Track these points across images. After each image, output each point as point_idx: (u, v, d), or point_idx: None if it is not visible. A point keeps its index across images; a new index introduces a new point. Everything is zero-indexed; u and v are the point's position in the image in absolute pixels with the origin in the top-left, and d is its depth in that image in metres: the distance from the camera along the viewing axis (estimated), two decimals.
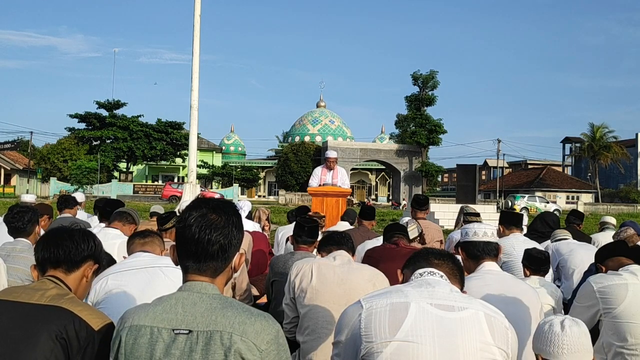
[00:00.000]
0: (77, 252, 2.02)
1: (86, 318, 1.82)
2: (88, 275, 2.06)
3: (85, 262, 2.05)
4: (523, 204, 37.65)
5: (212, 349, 1.44)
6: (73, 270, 2.01)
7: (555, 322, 2.02)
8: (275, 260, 3.81)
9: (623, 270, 3.01)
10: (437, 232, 5.51)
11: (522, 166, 70.68)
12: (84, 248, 2.04)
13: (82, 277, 2.03)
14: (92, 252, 2.07)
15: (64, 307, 1.83)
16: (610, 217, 7.29)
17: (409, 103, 47.89)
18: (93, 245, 2.08)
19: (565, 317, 2.04)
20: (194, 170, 14.91)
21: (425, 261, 1.95)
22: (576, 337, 1.96)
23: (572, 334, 1.96)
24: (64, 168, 43.35)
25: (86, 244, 2.05)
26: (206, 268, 1.55)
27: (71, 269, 2.01)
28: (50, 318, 1.79)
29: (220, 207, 1.58)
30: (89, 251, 2.06)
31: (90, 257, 2.06)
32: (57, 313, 1.81)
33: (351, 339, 1.76)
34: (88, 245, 2.06)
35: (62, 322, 1.79)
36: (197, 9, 14.48)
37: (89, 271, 2.06)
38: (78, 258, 2.02)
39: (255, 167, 54.97)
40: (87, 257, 2.05)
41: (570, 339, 1.95)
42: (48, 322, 1.78)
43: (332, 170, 8.20)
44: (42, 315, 1.80)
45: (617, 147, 52.11)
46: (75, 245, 2.02)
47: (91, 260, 2.07)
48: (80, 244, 2.03)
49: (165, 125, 47.90)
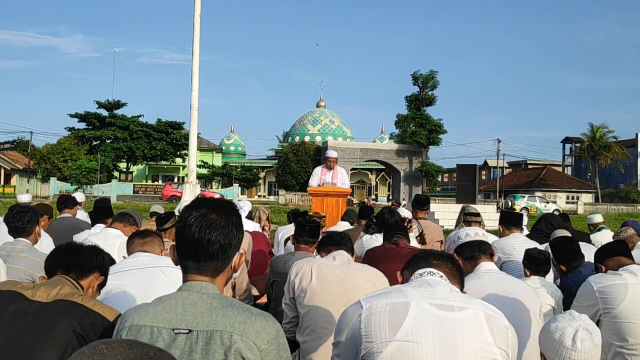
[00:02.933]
0: (87, 261, 2.15)
1: (100, 311, 1.93)
2: (94, 285, 2.18)
3: (93, 273, 2.17)
4: (523, 204, 37.65)
5: (212, 348, 1.44)
6: (82, 278, 2.13)
7: (568, 332, 1.87)
8: (275, 260, 3.81)
9: (623, 270, 3.01)
10: (437, 232, 5.51)
11: (522, 166, 70.63)
12: (93, 259, 2.18)
13: (88, 287, 2.15)
14: (100, 265, 2.21)
15: (78, 302, 1.93)
16: (597, 215, 7.27)
17: (409, 103, 47.85)
18: (102, 259, 2.23)
19: (579, 326, 1.88)
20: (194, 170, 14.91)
21: (425, 262, 1.95)
22: (587, 352, 1.84)
23: (582, 350, 1.84)
24: (64, 168, 43.33)
25: (96, 256, 2.20)
26: (206, 268, 1.55)
27: (80, 276, 2.13)
28: (65, 312, 1.88)
29: (220, 207, 1.58)
30: (98, 263, 2.19)
31: (97, 269, 2.20)
32: (71, 307, 1.90)
33: (351, 339, 1.76)
34: (97, 257, 2.20)
35: (77, 316, 1.88)
36: (197, 9, 14.49)
37: (95, 282, 2.18)
38: (87, 267, 2.15)
39: (255, 167, 54.95)
40: (96, 268, 2.18)
41: (580, 356, 1.84)
42: (63, 316, 1.87)
43: (332, 170, 8.20)
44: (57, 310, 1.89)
45: (617, 147, 52.06)
46: (86, 256, 2.17)
47: (98, 272, 2.20)
48: (90, 255, 2.18)
49: (165, 125, 47.86)
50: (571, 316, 1.93)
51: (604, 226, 6.71)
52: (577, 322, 1.90)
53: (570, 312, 1.96)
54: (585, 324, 1.90)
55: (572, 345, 1.84)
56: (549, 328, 1.94)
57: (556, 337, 1.89)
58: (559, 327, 1.90)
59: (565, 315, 1.95)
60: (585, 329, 1.87)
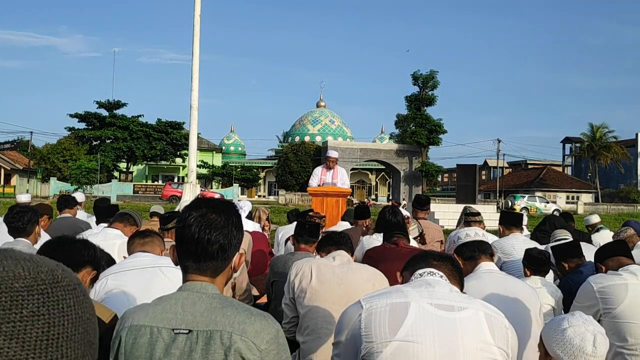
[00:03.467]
0: (77, 255, 2.10)
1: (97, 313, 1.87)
2: (86, 280, 2.13)
3: (85, 267, 2.13)
4: (523, 204, 37.65)
5: (212, 348, 1.44)
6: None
7: (588, 338, 1.89)
8: (275, 260, 3.81)
9: (623, 270, 3.01)
10: (437, 232, 5.51)
11: (522, 166, 70.64)
12: (84, 253, 2.13)
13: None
14: (92, 259, 2.17)
15: None
16: (594, 216, 7.26)
17: (409, 103, 47.81)
18: (93, 253, 2.18)
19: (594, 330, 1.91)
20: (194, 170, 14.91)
21: (425, 262, 1.95)
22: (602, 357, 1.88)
23: (600, 355, 1.88)
24: (64, 168, 43.31)
25: (87, 250, 2.15)
26: (206, 268, 1.55)
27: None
28: None
29: (220, 206, 1.58)
30: (89, 257, 2.15)
31: (89, 263, 2.15)
32: None
33: (351, 339, 1.76)
34: (88, 251, 2.16)
35: None
36: (197, 8, 14.49)
37: (87, 277, 2.13)
38: (78, 261, 2.09)
39: (255, 167, 54.93)
40: (87, 262, 2.14)
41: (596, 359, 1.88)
42: None
43: (332, 170, 8.20)
44: None
45: (617, 147, 52.05)
46: (77, 250, 2.12)
47: (90, 266, 2.15)
48: (81, 249, 2.13)
49: (165, 125, 47.85)
50: (582, 318, 1.95)
51: (602, 226, 6.70)
52: (591, 325, 1.93)
53: (581, 315, 1.98)
54: (599, 327, 1.94)
55: (593, 350, 1.87)
56: (566, 332, 1.93)
57: (574, 342, 1.89)
58: (577, 332, 1.91)
59: (578, 318, 1.96)
60: (600, 333, 1.91)
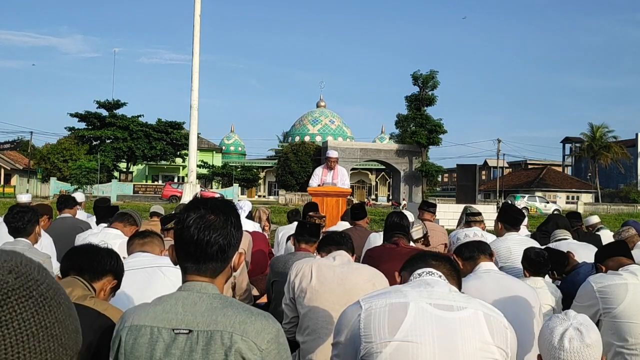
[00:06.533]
0: (100, 263, 2.14)
1: (111, 315, 1.92)
2: (106, 289, 2.16)
3: (106, 276, 2.16)
4: (523, 204, 37.60)
5: (212, 348, 1.44)
6: (94, 281, 2.11)
7: (557, 332, 1.83)
8: (275, 260, 3.81)
9: (623, 270, 3.01)
10: (442, 235, 5.49)
11: (522, 166, 70.60)
12: (106, 262, 2.16)
13: (100, 290, 2.13)
14: (114, 268, 2.19)
15: (89, 307, 1.92)
16: (594, 216, 7.25)
17: (409, 103, 47.80)
18: (115, 263, 2.20)
19: (569, 326, 1.84)
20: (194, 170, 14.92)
21: (423, 262, 1.95)
22: (576, 352, 1.79)
23: (571, 350, 1.79)
24: (64, 168, 43.30)
25: (110, 259, 2.18)
26: (205, 269, 1.55)
27: (93, 278, 2.11)
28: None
29: (218, 207, 1.57)
30: (111, 266, 2.17)
31: (111, 272, 2.17)
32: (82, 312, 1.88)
33: (351, 339, 1.76)
34: (111, 260, 2.18)
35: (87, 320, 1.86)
36: (197, 8, 14.48)
37: (108, 285, 2.16)
38: (100, 269, 2.13)
39: (255, 167, 54.92)
40: (109, 271, 2.16)
41: (568, 355, 1.79)
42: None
43: (332, 170, 8.21)
44: None
45: (617, 147, 52.03)
46: (100, 258, 2.14)
47: (111, 275, 2.18)
48: (104, 258, 2.16)
49: (165, 125, 47.81)
50: (565, 316, 1.90)
51: (602, 226, 6.70)
52: (568, 321, 1.86)
53: (566, 312, 1.93)
54: (579, 322, 1.85)
55: (560, 344, 1.81)
56: (544, 327, 1.93)
57: (546, 336, 1.87)
58: (549, 327, 1.88)
59: (560, 315, 1.92)
60: (576, 329, 1.82)
